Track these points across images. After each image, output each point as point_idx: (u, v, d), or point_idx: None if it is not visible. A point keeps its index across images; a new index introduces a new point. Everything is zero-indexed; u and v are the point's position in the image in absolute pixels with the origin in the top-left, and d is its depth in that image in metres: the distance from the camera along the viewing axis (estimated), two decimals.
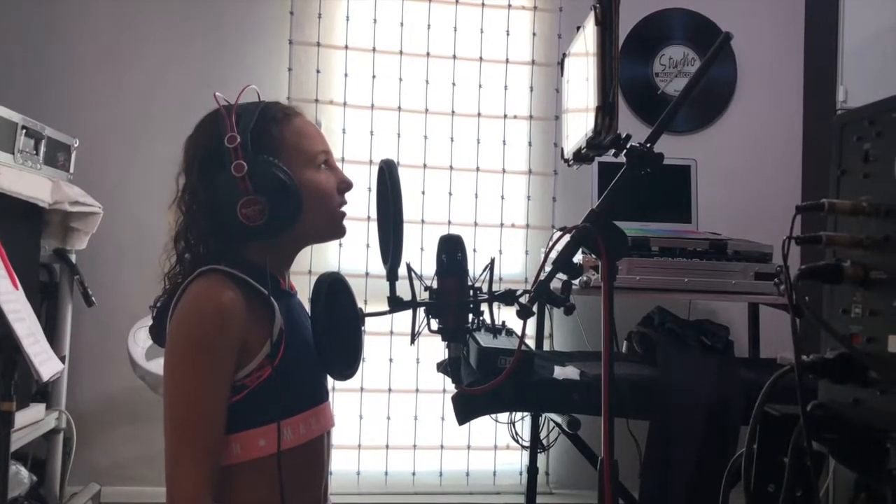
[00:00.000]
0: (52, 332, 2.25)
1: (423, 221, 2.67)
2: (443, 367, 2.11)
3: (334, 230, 1.26)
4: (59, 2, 2.57)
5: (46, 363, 1.62)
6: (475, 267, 1.17)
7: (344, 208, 1.26)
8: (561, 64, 1.69)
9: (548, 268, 1.10)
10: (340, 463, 2.61)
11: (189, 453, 1.07)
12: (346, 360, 1.26)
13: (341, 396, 2.59)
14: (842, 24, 2.55)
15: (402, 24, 2.70)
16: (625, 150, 1.11)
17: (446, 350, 1.18)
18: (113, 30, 2.60)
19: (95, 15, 2.59)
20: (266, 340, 1.12)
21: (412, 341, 1.18)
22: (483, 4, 2.74)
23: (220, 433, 1.09)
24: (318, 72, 2.64)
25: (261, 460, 1.11)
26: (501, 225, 2.74)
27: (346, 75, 2.66)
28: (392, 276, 1.16)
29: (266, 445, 1.11)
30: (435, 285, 1.16)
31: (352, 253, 2.62)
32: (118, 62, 2.60)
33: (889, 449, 0.85)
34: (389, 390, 2.65)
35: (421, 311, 1.16)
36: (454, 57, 2.73)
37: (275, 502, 1.10)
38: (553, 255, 1.13)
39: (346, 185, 1.25)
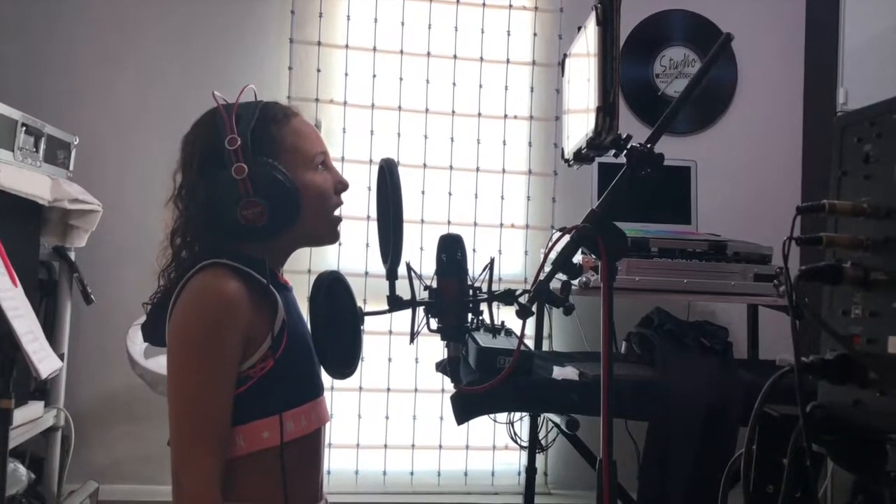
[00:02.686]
0: (50, 330, 2.25)
1: (422, 221, 2.67)
2: (442, 367, 2.11)
3: (330, 232, 1.26)
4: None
5: (45, 361, 1.61)
6: (475, 267, 1.17)
7: (341, 209, 1.26)
8: (561, 64, 1.69)
9: (547, 268, 1.10)
10: (339, 462, 2.61)
11: (200, 447, 1.07)
12: (345, 359, 1.27)
13: (340, 395, 2.59)
14: (842, 26, 2.55)
15: (402, 24, 2.70)
16: (625, 151, 1.11)
17: (445, 350, 1.18)
18: (113, 27, 2.60)
19: (95, 12, 2.59)
20: (268, 332, 1.12)
21: (411, 341, 1.18)
22: (484, 4, 2.74)
23: (228, 425, 1.09)
24: (318, 71, 2.64)
25: (264, 452, 1.11)
26: (501, 225, 2.74)
27: (346, 74, 2.66)
28: (391, 276, 1.17)
29: (269, 437, 1.12)
30: (434, 285, 1.16)
31: (351, 252, 2.61)
32: (118, 60, 2.60)
33: (888, 450, 0.85)
34: (388, 390, 2.65)
35: (420, 311, 1.16)
36: (455, 57, 2.73)
37: (278, 494, 1.11)
38: (553, 255, 1.13)
39: (342, 186, 1.26)
